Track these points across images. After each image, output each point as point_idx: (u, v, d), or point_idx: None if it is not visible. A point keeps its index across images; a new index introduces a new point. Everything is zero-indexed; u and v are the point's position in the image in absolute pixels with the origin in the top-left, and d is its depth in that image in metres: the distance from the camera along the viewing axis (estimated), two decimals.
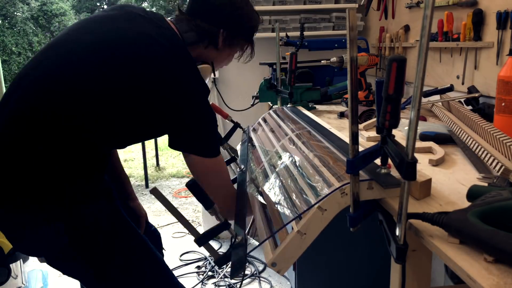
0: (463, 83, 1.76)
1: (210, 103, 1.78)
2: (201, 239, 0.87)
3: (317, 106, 1.98)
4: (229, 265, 0.99)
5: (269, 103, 2.24)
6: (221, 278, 2.46)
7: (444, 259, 0.62)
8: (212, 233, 0.88)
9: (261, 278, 2.45)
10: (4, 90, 2.73)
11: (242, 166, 1.37)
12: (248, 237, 1.15)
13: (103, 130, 1.01)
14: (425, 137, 1.24)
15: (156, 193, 0.85)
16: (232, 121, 1.60)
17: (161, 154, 5.50)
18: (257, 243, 0.92)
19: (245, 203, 1.12)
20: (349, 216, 0.79)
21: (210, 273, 2.52)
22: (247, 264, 2.41)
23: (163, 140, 6.48)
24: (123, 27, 1.04)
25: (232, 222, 0.94)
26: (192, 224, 3.51)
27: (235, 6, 1.20)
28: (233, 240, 0.90)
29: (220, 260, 0.88)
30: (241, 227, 0.97)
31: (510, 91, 1.18)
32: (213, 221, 3.06)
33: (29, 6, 13.18)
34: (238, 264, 0.83)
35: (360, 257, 1.78)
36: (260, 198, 1.11)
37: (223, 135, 1.62)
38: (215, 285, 2.41)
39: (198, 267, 2.63)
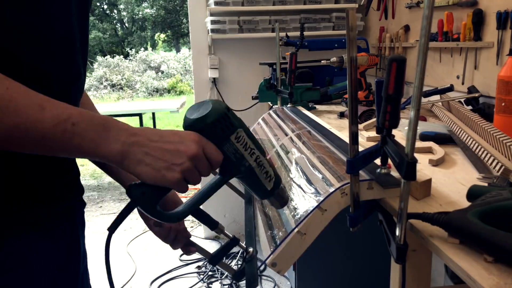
0: (463, 83, 1.76)
1: None
2: (214, 259, 0.83)
3: (317, 106, 1.98)
4: (228, 264, 0.99)
5: (269, 103, 2.24)
6: (223, 278, 2.46)
7: (444, 259, 0.62)
8: (223, 251, 0.86)
9: (263, 277, 2.45)
10: None
11: None
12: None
13: None
14: (425, 137, 1.24)
15: (158, 222, 0.87)
16: None
17: None
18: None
19: (252, 215, 1.11)
20: (349, 216, 0.79)
21: (210, 273, 2.52)
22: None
23: None
24: None
25: (241, 235, 0.93)
26: (192, 224, 3.50)
27: None
28: (244, 254, 0.89)
29: (237, 276, 0.88)
30: (251, 239, 0.97)
31: (510, 91, 1.18)
32: None
33: None
34: (252, 278, 0.84)
35: (360, 257, 1.78)
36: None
37: None
38: (221, 285, 2.41)
39: (198, 267, 2.63)
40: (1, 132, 0.52)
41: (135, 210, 0.66)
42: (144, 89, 11.27)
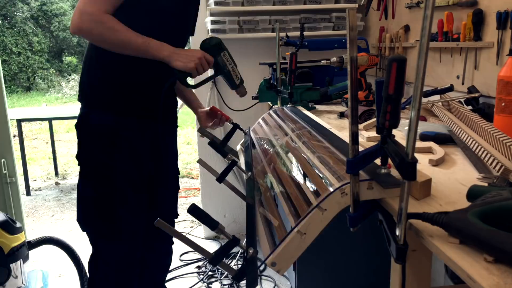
0: (463, 83, 1.76)
1: (211, 105, 1.76)
2: (215, 259, 0.87)
3: (317, 106, 1.98)
4: (228, 264, 0.99)
5: (269, 103, 2.24)
6: (223, 278, 2.46)
7: (444, 259, 0.62)
8: (224, 251, 0.87)
9: (263, 277, 2.45)
10: (4, 90, 2.73)
11: (249, 173, 1.35)
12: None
13: None
14: (425, 137, 1.24)
15: (161, 224, 0.87)
16: (232, 122, 1.60)
17: None
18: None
19: (253, 215, 1.10)
20: (349, 216, 0.79)
21: (210, 273, 2.52)
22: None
23: None
24: None
25: (241, 235, 0.94)
26: (192, 224, 3.50)
27: None
28: (245, 255, 0.89)
29: (237, 276, 0.88)
30: (251, 240, 0.97)
31: (510, 91, 1.18)
32: None
33: (29, 6, 13.16)
34: (252, 279, 0.84)
35: (360, 257, 1.78)
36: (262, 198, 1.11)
37: (222, 137, 1.61)
38: (221, 285, 2.41)
39: (198, 267, 2.63)
40: (121, 43, 1.24)
41: None
42: None
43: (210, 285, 2.43)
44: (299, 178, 1.02)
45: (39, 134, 7.19)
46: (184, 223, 3.35)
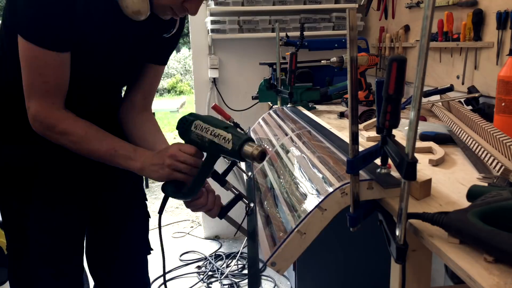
0: (463, 83, 1.76)
1: (213, 104, 1.71)
2: (222, 212, 1.07)
3: (317, 106, 1.98)
4: (228, 264, 1.00)
5: (269, 103, 2.24)
6: (223, 277, 2.46)
7: (444, 259, 0.62)
8: (230, 205, 1.07)
9: (263, 277, 2.45)
10: None
11: (250, 173, 1.35)
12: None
13: None
14: (425, 137, 1.24)
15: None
16: (232, 121, 1.60)
17: None
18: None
19: (254, 215, 1.10)
20: (349, 216, 0.79)
21: (210, 273, 2.52)
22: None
23: None
24: None
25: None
26: (192, 224, 3.49)
27: None
28: (247, 209, 1.05)
29: (244, 230, 1.04)
30: (251, 240, 0.97)
31: (510, 91, 1.18)
32: (213, 221, 3.00)
33: None
34: (254, 280, 0.85)
35: (360, 257, 1.78)
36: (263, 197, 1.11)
37: None
38: (221, 285, 2.42)
39: (198, 267, 2.63)
40: (79, 152, 1.02)
41: None
42: None
43: (210, 285, 2.43)
44: (299, 178, 1.02)
45: None
46: (184, 223, 3.35)
